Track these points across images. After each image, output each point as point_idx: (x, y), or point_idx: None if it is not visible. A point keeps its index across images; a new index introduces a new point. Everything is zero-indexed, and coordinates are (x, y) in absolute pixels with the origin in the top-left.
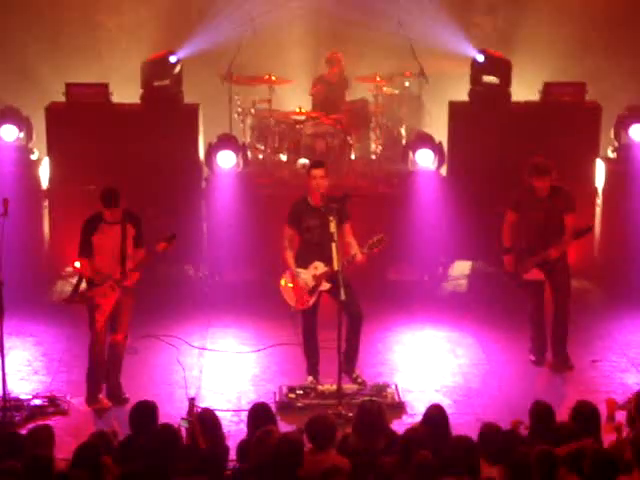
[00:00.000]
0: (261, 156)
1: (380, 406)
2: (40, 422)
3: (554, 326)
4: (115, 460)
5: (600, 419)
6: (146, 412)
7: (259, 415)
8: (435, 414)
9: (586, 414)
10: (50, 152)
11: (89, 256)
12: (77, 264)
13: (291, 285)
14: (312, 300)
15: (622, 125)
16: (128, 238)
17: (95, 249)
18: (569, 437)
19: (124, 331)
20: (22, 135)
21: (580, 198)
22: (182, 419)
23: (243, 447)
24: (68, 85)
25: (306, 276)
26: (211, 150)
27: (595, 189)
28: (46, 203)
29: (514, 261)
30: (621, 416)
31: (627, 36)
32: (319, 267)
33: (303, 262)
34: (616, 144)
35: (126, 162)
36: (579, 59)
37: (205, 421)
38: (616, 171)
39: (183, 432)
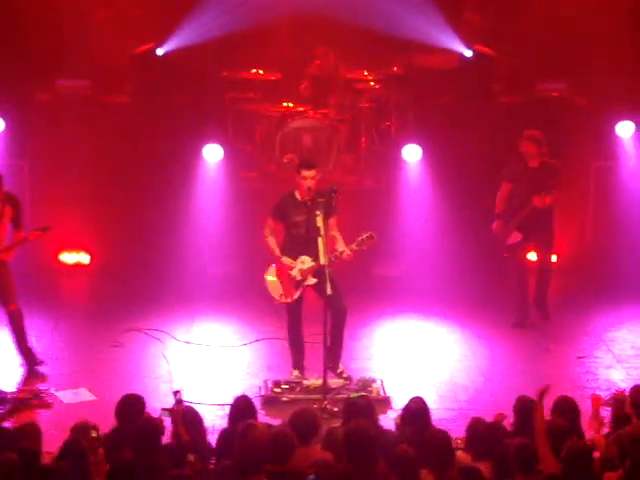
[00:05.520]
0: (248, 150)
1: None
2: (23, 415)
3: (536, 279)
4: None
5: (580, 414)
6: (133, 405)
7: (240, 408)
8: (415, 407)
9: (566, 409)
10: (36, 148)
11: None
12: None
13: (276, 279)
14: (297, 294)
15: (611, 122)
16: (4, 218)
17: None
18: (553, 433)
19: (14, 300)
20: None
21: (570, 197)
22: (163, 410)
23: (224, 438)
24: (55, 80)
25: (291, 264)
26: (198, 144)
27: (585, 186)
28: None
29: (501, 227)
30: (606, 412)
31: (620, 32)
32: (306, 261)
33: (289, 256)
34: (604, 141)
35: (113, 157)
36: (569, 56)
37: (186, 417)
38: (605, 167)
39: (167, 424)
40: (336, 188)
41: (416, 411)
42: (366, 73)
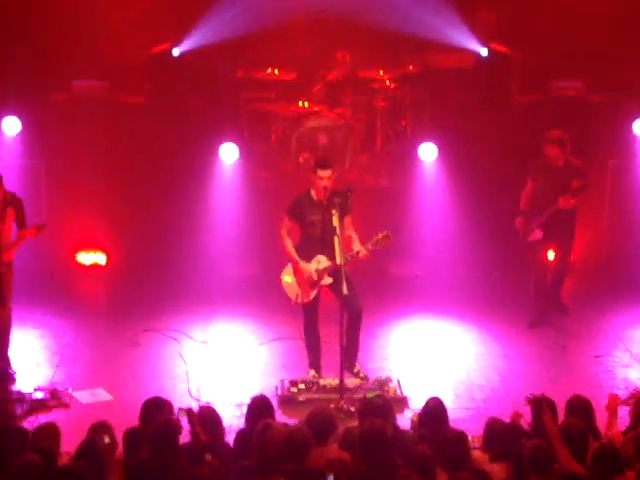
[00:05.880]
0: (263, 150)
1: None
2: (41, 415)
3: (551, 278)
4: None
5: (594, 413)
6: (157, 408)
7: (258, 408)
8: (434, 407)
9: (580, 409)
10: (52, 148)
11: None
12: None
13: (292, 279)
14: (313, 294)
15: (628, 120)
16: (7, 219)
17: None
18: (568, 433)
19: (8, 304)
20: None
21: (587, 195)
22: (180, 409)
23: (241, 438)
24: (71, 81)
25: (308, 269)
26: (214, 144)
27: (602, 185)
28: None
29: (524, 224)
30: (624, 411)
31: (636, 30)
32: (322, 261)
33: (305, 256)
34: (621, 139)
35: (129, 157)
36: (585, 54)
37: (204, 417)
38: (621, 166)
39: (185, 424)
40: (352, 187)
41: (434, 411)
42: (382, 72)
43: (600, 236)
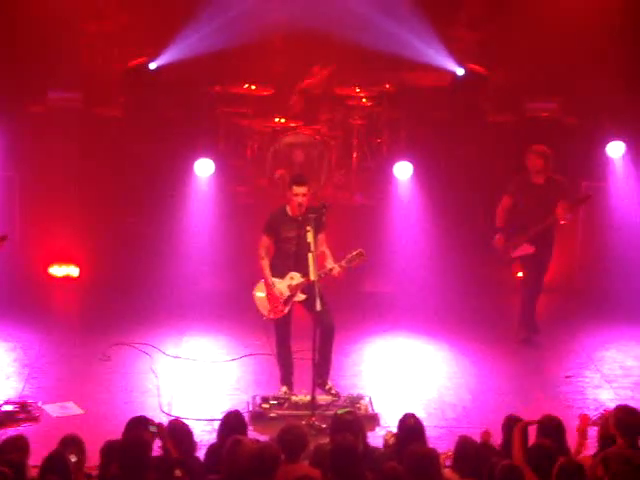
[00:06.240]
0: (239, 165)
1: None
2: (10, 428)
3: (523, 295)
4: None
5: (565, 433)
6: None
7: (230, 423)
8: (411, 423)
9: (551, 428)
10: (26, 160)
11: None
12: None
13: (264, 294)
14: (286, 310)
15: (601, 142)
16: None
17: None
18: (539, 451)
19: None
20: None
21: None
22: (150, 424)
23: (212, 452)
24: (46, 92)
25: (281, 286)
26: (190, 158)
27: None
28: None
29: (504, 241)
30: (594, 432)
31: (610, 52)
32: (295, 278)
33: (278, 272)
34: (595, 161)
35: (105, 170)
36: (560, 76)
37: (175, 432)
38: (595, 187)
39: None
40: (327, 204)
41: (414, 428)
42: (358, 90)
43: (573, 256)
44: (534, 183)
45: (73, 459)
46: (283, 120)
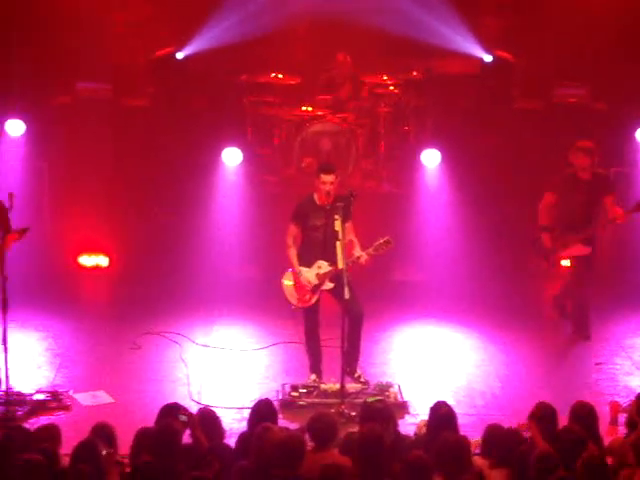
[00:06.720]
0: (267, 154)
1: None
2: (42, 416)
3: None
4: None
5: (597, 420)
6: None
7: (261, 411)
8: (443, 411)
9: (583, 415)
10: (56, 150)
11: None
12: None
13: (293, 283)
14: (314, 298)
15: (630, 128)
16: None
17: None
18: (571, 439)
19: None
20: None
21: None
22: (180, 413)
23: (243, 440)
24: (75, 83)
25: (309, 274)
26: (217, 147)
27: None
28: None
29: (550, 239)
30: (625, 418)
31: (636, 39)
32: (323, 266)
33: (306, 261)
34: (624, 147)
35: (132, 160)
36: (588, 61)
37: (205, 421)
38: (624, 173)
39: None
40: (355, 193)
41: (446, 415)
42: (385, 78)
43: (602, 243)
44: (581, 179)
45: (104, 449)
46: (310, 109)
